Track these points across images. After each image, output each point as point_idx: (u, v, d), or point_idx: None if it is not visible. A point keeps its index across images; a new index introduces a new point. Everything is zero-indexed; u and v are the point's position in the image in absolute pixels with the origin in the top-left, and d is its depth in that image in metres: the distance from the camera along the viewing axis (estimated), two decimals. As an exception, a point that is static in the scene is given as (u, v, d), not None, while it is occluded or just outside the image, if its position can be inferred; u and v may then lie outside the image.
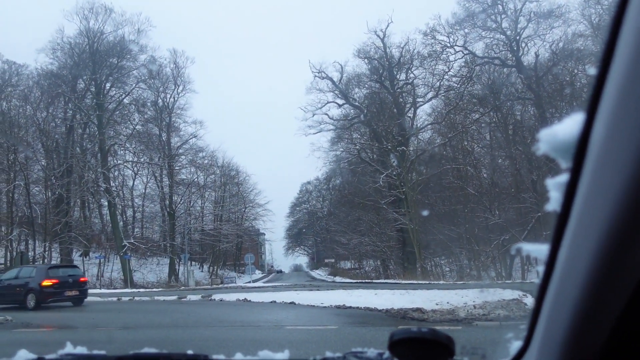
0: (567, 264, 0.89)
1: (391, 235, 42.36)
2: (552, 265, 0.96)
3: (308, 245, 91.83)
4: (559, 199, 0.86)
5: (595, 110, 0.73)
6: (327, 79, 46.01)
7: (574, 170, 0.79)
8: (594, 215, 0.73)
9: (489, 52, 40.56)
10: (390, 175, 40.12)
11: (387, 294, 17.18)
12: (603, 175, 0.70)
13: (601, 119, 0.71)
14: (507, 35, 39.72)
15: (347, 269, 57.34)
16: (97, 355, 1.80)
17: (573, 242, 0.84)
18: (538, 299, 1.08)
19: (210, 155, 52.55)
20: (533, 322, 1.14)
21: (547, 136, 0.83)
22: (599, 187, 0.72)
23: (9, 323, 12.89)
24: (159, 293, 27.56)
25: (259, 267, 78.90)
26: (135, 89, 45.99)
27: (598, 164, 0.72)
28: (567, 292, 0.88)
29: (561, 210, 0.86)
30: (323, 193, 74.95)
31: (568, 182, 0.82)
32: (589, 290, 0.80)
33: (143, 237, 49.02)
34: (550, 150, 0.84)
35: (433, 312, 11.84)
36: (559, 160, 0.84)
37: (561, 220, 0.87)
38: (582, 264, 0.79)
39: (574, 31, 36.15)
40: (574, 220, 0.83)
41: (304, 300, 15.57)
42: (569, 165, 0.81)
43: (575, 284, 0.83)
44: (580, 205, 0.80)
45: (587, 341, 0.89)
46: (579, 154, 0.77)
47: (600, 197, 0.71)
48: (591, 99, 0.73)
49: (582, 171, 0.77)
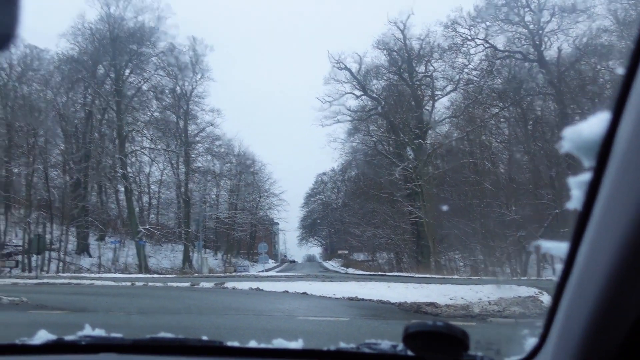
0: (587, 263, 0.88)
1: (405, 228, 42.28)
2: (571, 264, 0.95)
3: (322, 236, 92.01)
4: (581, 197, 0.86)
5: (622, 110, 0.72)
6: (346, 69, 45.88)
7: (597, 169, 0.79)
8: (617, 215, 0.72)
9: (511, 46, 40.01)
10: (406, 168, 39.95)
11: (400, 287, 17.17)
12: (627, 175, 0.69)
13: (628, 118, 0.70)
14: (529, 29, 39.14)
15: (360, 261, 57.39)
16: (115, 338, 1.83)
17: (594, 242, 0.84)
18: (555, 297, 1.08)
19: (226, 144, 52.88)
20: (549, 320, 1.13)
21: (572, 134, 0.82)
22: (623, 187, 0.70)
23: (24, 304, 13.13)
24: (172, 279, 27.82)
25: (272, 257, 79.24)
26: (154, 76, 46.32)
27: (623, 163, 0.71)
28: (585, 291, 0.88)
29: (582, 209, 0.85)
30: (338, 184, 74.92)
31: (591, 181, 0.81)
32: (608, 290, 0.79)
33: (158, 223, 49.48)
34: (574, 148, 0.83)
35: (447, 307, 11.80)
36: (582, 159, 0.83)
37: (582, 219, 0.86)
38: (602, 264, 0.78)
39: (598, 26, 35.45)
40: (595, 220, 0.82)
41: (317, 291, 15.62)
42: (591, 164, 0.80)
43: (594, 284, 0.83)
44: (602, 205, 0.79)
45: (604, 341, 0.89)
46: (603, 153, 0.76)
47: (623, 197, 0.70)
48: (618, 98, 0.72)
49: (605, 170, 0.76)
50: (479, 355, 1.45)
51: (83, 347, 1.73)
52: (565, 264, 0.97)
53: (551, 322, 1.12)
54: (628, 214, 0.68)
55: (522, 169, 36.92)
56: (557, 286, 1.05)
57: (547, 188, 32.11)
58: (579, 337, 0.92)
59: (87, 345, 1.73)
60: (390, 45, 45.01)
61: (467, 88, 41.77)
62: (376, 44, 45.19)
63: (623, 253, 0.72)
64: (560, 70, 36.27)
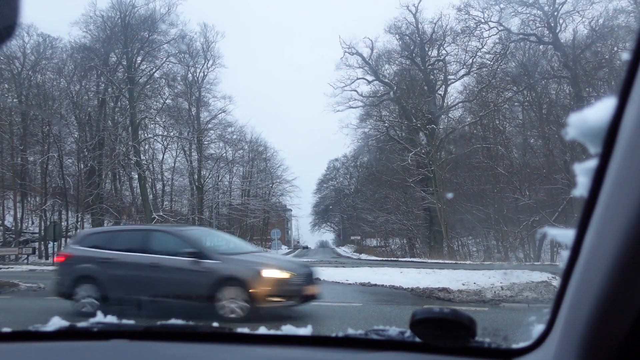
0: (593, 250, 0.87)
1: (418, 214, 42.23)
2: (577, 251, 0.95)
3: (334, 222, 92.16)
4: (587, 184, 0.85)
5: (627, 96, 0.72)
6: (357, 54, 45.58)
7: (603, 156, 0.78)
8: (622, 202, 0.72)
9: (525, 29, 39.42)
10: (418, 154, 39.78)
11: (413, 273, 17.20)
12: (633, 162, 0.69)
13: (633, 104, 0.70)
14: (544, 11, 38.52)
15: (373, 247, 57.50)
16: (126, 324, 1.86)
17: (599, 229, 0.83)
18: (562, 284, 1.07)
19: (238, 131, 52.96)
20: (556, 307, 1.13)
21: (577, 121, 0.81)
22: (628, 174, 0.70)
23: (42, 290, 13.34)
24: (187, 265, 28.04)
25: (285, 243, 79.64)
26: (165, 63, 46.37)
27: (628, 150, 0.71)
28: (591, 278, 0.87)
29: (588, 196, 0.85)
30: (350, 170, 74.82)
31: (597, 167, 0.80)
32: (614, 277, 0.79)
33: (172, 210, 49.84)
34: (580, 135, 0.82)
35: (459, 292, 11.81)
36: (588, 146, 0.82)
37: (588, 206, 0.86)
38: (608, 251, 0.78)
39: (615, 7, 34.78)
40: (601, 207, 0.81)
41: (329, 276, 15.68)
42: (598, 150, 0.79)
43: (599, 271, 0.82)
44: (608, 192, 0.78)
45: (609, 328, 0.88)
46: (608, 140, 0.76)
47: (629, 184, 0.70)
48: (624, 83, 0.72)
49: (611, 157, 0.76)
50: (486, 341, 1.45)
51: (95, 333, 1.75)
52: (572, 251, 0.97)
53: (558, 309, 1.12)
54: (633, 202, 0.68)
55: (536, 153, 36.61)
56: (563, 273, 1.04)
57: (561, 172, 31.82)
58: (585, 325, 0.92)
59: (99, 332, 1.76)
60: (402, 29, 44.63)
61: (480, 72, 41.33)
62: (388, 28, 44.86)
63: (627, 241, 0.72)
64: (576, 53, 35.73)
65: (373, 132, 48.31)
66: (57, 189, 40.05)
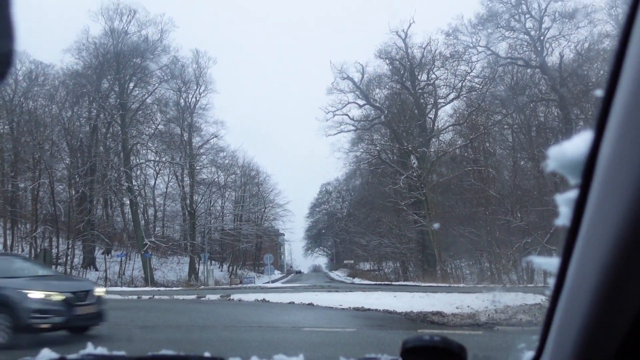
0: (577, 278, 0.90)
1: (411, 237, 42.17)
2: (562, 278, 0.97)
3: (327, 246, 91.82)
4: (569, 214, 0.87)
5: (603, 129, 0.74)
6: (348, 79, 46.03)
7: (582, 187, 0.80)
8: (602, 231, 0.74)
9: (512, 53, 40.08)
10: (410, 177, 39.93)
11: (407, 297, 17.12)
12: (610, 193, 0.71)
13: (608, 137, 0.72)
14: (531, 36, 39.22)
15: (366, 271, 57.19)
16: (117, 355, 1.84)
17: (582, 256, 0.86)
18: (549, 310, 1.09)
19: (230, 155, 53.05)
20: (544, 333, 1.14)
21: (556, 153, 0.84)
22: (607, 204, 0.73)
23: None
24: (178, 292, 27.83)
25: (278, 268, 79.16)
26: (158, 89, 46.60)
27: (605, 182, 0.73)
28: (576, 305, 0.89)
29: (571, 225, 0.87)
30: (343, 194, 74.86)
31: (577, 198, 0.83)
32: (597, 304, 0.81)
33: (164, 236, 49.55)
34: (559, 167, 0.85)
35: (453, 316, 11.76)
36: (568, 178, 0.85)
37: (571, 235, 0.88)
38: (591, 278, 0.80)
39: (600, 31, 35.52)
40: (582, 236, 0.84)
41: (323, 301, 15.59)
42: (577, 181, 0.82)
43: (584, 298, 0.84)
44: (588, 221, 0.81)
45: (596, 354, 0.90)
46: (587, 172, 0.78)
47: (607, 214, 0.72)
48: (599, 117, 0.74)
49: (590, 188, 0.78)
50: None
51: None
52: (557, 278, 0.99)
53: (546, 336, 1.13)
54: (611, 230, 0.70)
55: (526, 175, 36.85)
56: (550, 300, 1.06)
57: (552, 194, 31.80)
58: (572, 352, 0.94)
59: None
60: (392, 54, 45.21)
61: (469, 95, 41.83)
62: (378, 53, 45.41)
63: (608, 269, 0.74)
64: (563, 76, 36.29)
65: (365, 155, 48.50)
66: (48, 215, 39.74)
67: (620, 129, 0.68)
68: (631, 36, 0.64)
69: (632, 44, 0.61)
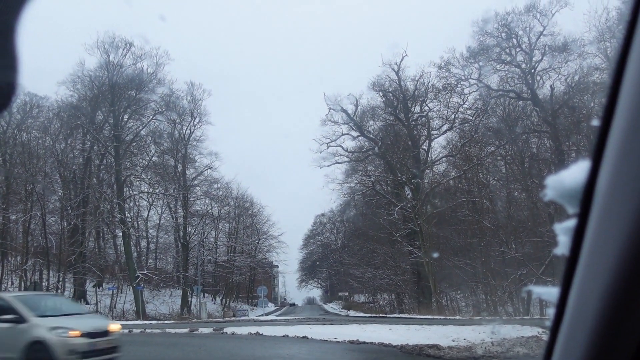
0: (577, 307, 0.88)
1: (406, 268, 41.93)
2: (562, 308, 0.95)
3: (322, 278, 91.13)
4: (567, 243, 0.86)
5: (600, 158, 0.74)
6: (342, 111, 46.35)
7: (581, 216, 0.79)
8: (601, 260, 0.74)
9: (504, 85, 40.65)
10: (404, 208, 39.93)
11: (402, 329, 16.92)
12: (609, 221, 0.72)
13: (606, 166, 0.73)
14: (522, 69, 39.86)
15: (361, 303, 56.66)
16: None
17: (582, 286, 0.84)
18: (550, 341, 1.07)
19: (225, 187, 53.06)
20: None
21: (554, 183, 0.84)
22: (606, 232, 0.73)
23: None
24: (170, 325, 27.40)
25: (272, 300, 78.30)
26: (152, 121, 46.77)
27: (604, 211, 0.73)
28: (577, 336, 0.87)
29: (570, 254, 0.86)
30: (337, 225, 74.66)
31: (576, 227, 0.81)
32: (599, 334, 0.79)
33: (156, 268, 49.08)
34: (558, 196, 0.84)
35: (449, 349, 11.59)
36: (566, 207, 0.84)
37: (570, 264, 0.87)
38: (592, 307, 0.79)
39: (589, 64, 36.13)
40: (582, 265, 0.82)
41: (317, 334, 15.36)
42: (575, 210, 0.81)
43: (585, 328, 0.82)
44: (587, 251, 0.79)
45: None
46: (585, 201, 0.78)
47: (606, 243, 0.72)
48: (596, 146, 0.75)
49: (589, 217, 0.78)
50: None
51: None
52: (557, 308, 0.97)
53: None
54: (611, 259, 0.70)
55: (520, 206, 36.94)
56: (550, 331, 1.04)
57: (546, 225, 32.00)
58: None
59: None
60: (386, 86, 45.72)
61: (462, 127, 42.21)
62: (371, 85, 45.90)
63: (610, 298, 0.73)
64: (554, 108, 36.74)
65: (359, 187, 48.58)
66: (39, 248, 39.33)
67: (618, 157, 0.69)
68: (626, 66, 0.66)
69: (627, 74, 0.65)
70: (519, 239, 33.82)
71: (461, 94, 42.62)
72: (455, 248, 36.57)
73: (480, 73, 41.27)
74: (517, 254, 31.42)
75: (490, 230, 34.55)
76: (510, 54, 40.28)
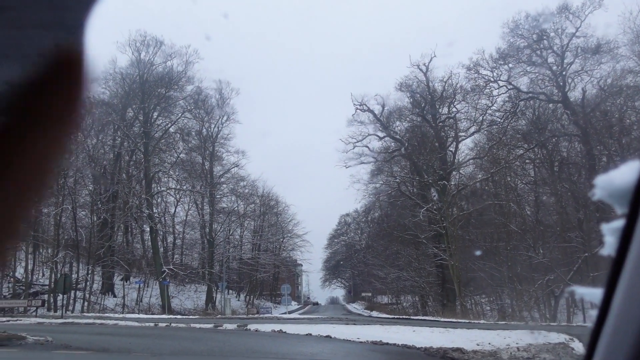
0: (622, 310, 0.88)
1: (430, 270, 41.62)
2: (606, 311, 0.95)
3: (345, 278, 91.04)
4: (614, 244, 0.86)
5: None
6: (369, 111, 46.27)
7: (629, 216, 0.80)
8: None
9: (534, 87, 40.01)
10: (430, 210, 39.65)
11: (426, 332, 16.80)
12: None
13: None
14: (553, 71, 39.17)
15: (384, 304, 56.45)
16: None
17: (628, 289, 0.84)
18: (590, 344, 1.06)
19: (250, 185, 53.39)
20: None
21: (604, 182, 0.84)
22: None
23: (49, 344, 13.16)
24: (195, 320, 27.70)
25: (295, 298, 78.47)
26: (181, 118, 47.40)
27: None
28: (621, 339, 0.87)
29: (616, 255, 0.86)
30: (362, 225, 74.52)
31: (624, 227, 0.82)
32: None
33: (182, 263, 49.65)
34: (606, 196, 0.85)
35: (474, 353, 11.47)
36: (615, 206, 0.85)
37: (616, 266, 0.87)
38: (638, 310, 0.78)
39: (623, 67, 35.33)
40: (629, 266, 0.83)
41: (340, 334, 15.36)
42: (624, 211, 0.81)
43: (631, 332, 0.82)
44: (636, 251, 0.80)
45: None
46: (634, 202, 0.77)
47: None
48: None
49: (638, 217, 0.77)
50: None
51: None
52: (600, 310, 0.97)
53: None
54: None
55: (549, 210, 36.33)
56: (591, 333, 1.04)
57: (575, 230, 31.46)
58: None
59: None
60: (413, 87, 45.47)
61: (490, 129, 41.67)
62: (399, 86, 45.70)
63: None
64: (586, 112, 36.03)
65: (384, 187, 48.40)
66: (70, 240, 40.15)
67: None
68: None
69: None
70: (547, 243, 33.28)
71: (490, 96, 42.11)
72: (481, 251, 36.15)
73: (509, 75, 40.73)
74: (545, 259, 30.94)
75: (517, 234, 34.06)
76: (541, 55, 39.62)
